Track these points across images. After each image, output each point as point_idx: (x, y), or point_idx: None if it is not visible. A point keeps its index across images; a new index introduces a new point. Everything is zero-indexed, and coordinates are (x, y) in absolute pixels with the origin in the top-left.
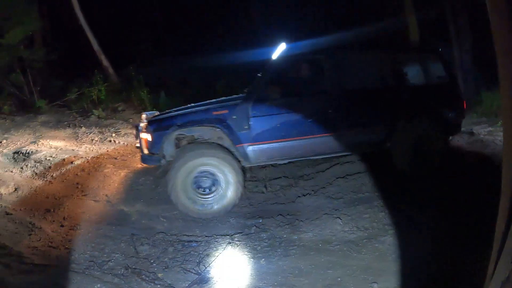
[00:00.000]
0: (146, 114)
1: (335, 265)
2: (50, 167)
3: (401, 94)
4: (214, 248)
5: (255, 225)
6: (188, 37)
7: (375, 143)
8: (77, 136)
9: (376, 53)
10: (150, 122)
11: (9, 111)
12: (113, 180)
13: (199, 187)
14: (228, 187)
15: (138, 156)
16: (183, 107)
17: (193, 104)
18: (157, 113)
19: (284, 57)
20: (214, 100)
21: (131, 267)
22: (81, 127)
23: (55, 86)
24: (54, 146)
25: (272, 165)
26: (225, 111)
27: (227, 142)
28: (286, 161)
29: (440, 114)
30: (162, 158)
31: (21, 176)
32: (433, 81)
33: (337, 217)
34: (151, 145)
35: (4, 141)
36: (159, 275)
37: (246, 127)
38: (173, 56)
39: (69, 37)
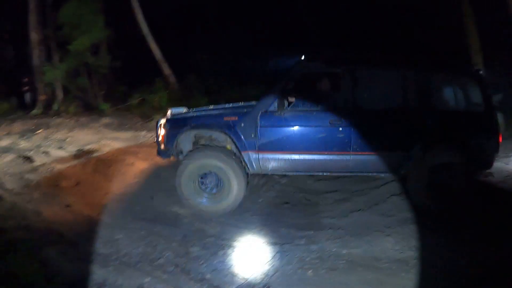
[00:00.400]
0: (172, 110)
1: (383, 283)
2: (110, 166)
3: (424, 118)
4: (263, 256)
5: (305, 237)
6: (248, 45)
7: (387, 168)
8: (138, 139)
9: (399, 70)
10: (168, 119)
11: (74, 112)
12: (170, 184)
13: (203, 185)
14: (229, 189)
15: None
16: (204, 108)
17: (212, 107)
18: (185, 109)
19: (299, 69)
20: (232, 104)
21: (181, 266)
22: (142, 130)
23: (118, 91)
24: (115, 146)
25: (326, 178)
26: (234, 118)
27: (234, 148)
28: (292, 173)
29: (468, 145)
30: (180, 154)
31: (83, 172)
32: (466, 107)
33: (388, 235)
34: (166, 140)
35: (69, 139)
36: (207, 276)
37: (253, 135)
38: (232, 63)
39: (133, 46)
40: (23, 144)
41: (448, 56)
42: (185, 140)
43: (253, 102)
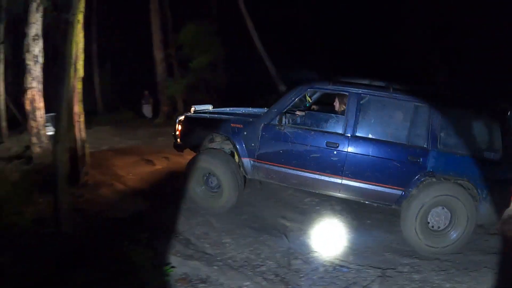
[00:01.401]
0: (196, 107)
1: None
2: None
3: (425, 158)
4: (363, 278)
5: (409, 265)
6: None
7: (379, 200)
8: None
9: (407, 101)
10: (186, 117)
11: None
12: (279, 196)
13: (207, 184)
14: (225, 190)
15: None
16: (222, 109)
17: (229, 110)
18: (210, 107)
19: (306, 88)
20: (243, 110)
21: (281, 276)
22: None
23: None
24: None
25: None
26: (240, 125)
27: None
28: (285, 185)
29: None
30: (196, 148)
31: None
32: (479, 152)
33: (497, 273)
34: (181, 136)
35: None
36: None
37: (254, 144)
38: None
39: (248, 64)
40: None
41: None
42: (199, 138)
43: (265, 109)
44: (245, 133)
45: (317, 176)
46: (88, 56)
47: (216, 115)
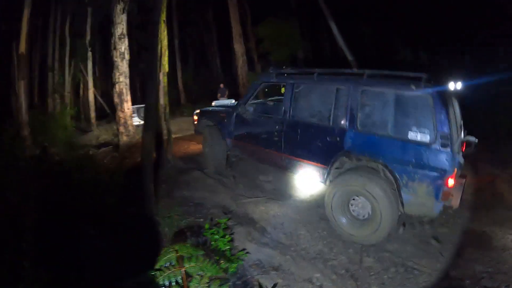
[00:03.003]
0: (215, 102)
1: None
2: None
3: (347, 138)
4: (436, 284)
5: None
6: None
7: (312, 177)
8: None
9: (330, 85)
10: (200, 110)
11: None
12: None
13: None
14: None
15: None
16: (226, 103)
17: (230, 104)
18: (233, 101)
19: (258, 82)
20: (233, 102)
21: (351, 272)
22: None
23: None
24: None
25: None
26: (224, 115)
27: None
28: (252, 160)
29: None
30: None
31: None
32: (401, 133)
33: None
34: (197, 124)
35: None
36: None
37: (231, 128)
38: None
39: (329, 57)
40: None
41: None
42: (201, 126)
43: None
44: (225, 120)
45: (268, 152)
46: (171, 51)
47: (216, 108)
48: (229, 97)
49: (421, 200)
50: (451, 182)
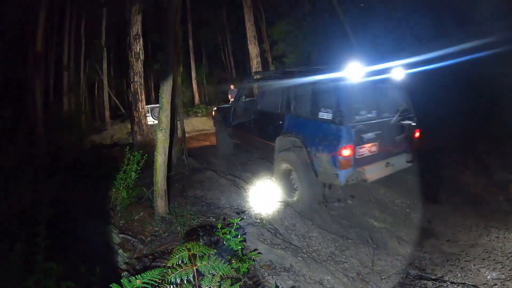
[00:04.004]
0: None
1: None
2: None
3: (283, 122)
4: None
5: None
6: None
7: (269, 154)
8: None
9: (281, 81)
10: (217, 107)
11: None
12: (377, 199)
13: None
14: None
15: None
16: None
17: None
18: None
19: (242, 87)
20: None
21: (362, 275)
22: None
23: None
24: None
25: None
26: (227, 109)
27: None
28: (244, 146)
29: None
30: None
31: None
32: (314, 113)
33: None
34: (213, 119)
35: None
36: None
37: (230, 120)
38: None
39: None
40: None
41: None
42: (215, 120)
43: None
44: (227, 114)
45: (249, 137)
46: (185, 52)
47: (225, 105)
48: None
49: (327, 168)
50: (345, 152)
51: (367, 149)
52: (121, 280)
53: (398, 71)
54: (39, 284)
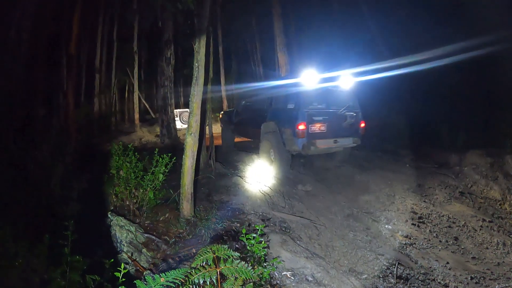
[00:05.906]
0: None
1: None
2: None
3: (267, 113)
4: None
5: None
6: None
7: (257, 136)
8: None
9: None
10: (224, 111)
11: None
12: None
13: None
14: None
15: None
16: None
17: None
18: None
19: (239, 104)
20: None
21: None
22: None
23: None
24: None
25: None
26: (232, 110)
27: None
28: (243, 139)
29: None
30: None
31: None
32: (285, 104)
33: None
34: (221, 120)
35: None
36: None
37: (233, 119)
38: None
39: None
40: None
41: None
42: (222, 121)
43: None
44: (231, 114)
45: (247, 127)
46: (215, 58)
47: (230, 109)
48: None
49: (290, 139)
50: (301, 127)
51: (317, 127)
52: (145, 277)
53: (347, 78)
54: (65, 276)
